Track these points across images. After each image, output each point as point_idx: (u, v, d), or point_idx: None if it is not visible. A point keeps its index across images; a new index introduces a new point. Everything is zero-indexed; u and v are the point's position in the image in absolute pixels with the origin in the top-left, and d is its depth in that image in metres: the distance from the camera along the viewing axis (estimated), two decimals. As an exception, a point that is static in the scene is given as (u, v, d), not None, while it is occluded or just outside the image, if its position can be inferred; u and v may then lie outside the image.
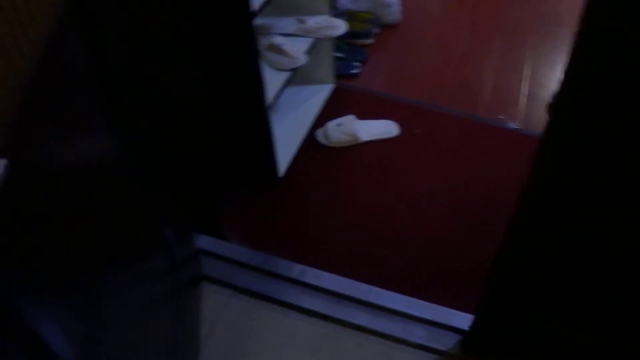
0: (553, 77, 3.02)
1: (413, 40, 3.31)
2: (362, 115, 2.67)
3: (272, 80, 2.21)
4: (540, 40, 3.27)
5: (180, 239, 1.82)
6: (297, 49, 2.34)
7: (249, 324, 2.01)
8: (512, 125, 2.73)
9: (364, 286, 2.03)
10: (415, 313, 1.96)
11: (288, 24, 2.44)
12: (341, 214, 2.32)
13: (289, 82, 2.31)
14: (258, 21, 2.12)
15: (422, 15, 3.52)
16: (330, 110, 2.74)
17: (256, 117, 2.14)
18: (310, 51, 2.40)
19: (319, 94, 2.81)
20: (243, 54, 1.92)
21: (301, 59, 2.32)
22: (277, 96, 2.24)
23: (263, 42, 2.30)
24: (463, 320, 1.90)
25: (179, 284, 1.72)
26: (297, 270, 2.09)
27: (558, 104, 1.14)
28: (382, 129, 2.66)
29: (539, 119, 2.75)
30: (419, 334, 1.93)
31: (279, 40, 2.32)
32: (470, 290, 2.00)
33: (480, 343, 1.86)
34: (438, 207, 2.34)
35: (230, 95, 2.10)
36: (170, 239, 1.63)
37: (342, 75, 2.95)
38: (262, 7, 1.92)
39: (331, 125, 2.61)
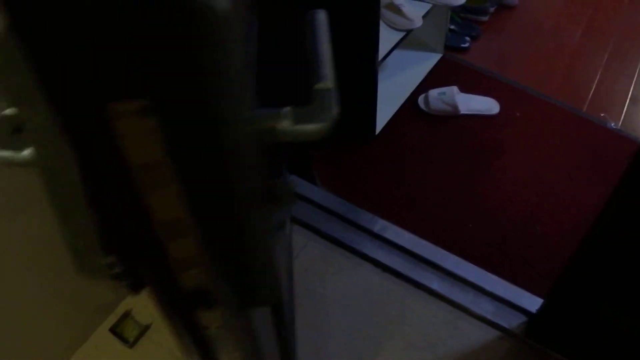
0: (663, 85, 2.96)
1: (528, 24, 3.29)
2: (465, 89, 2.69)
3: (385, 39, 2.26)
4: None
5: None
6: (415, 12, 2.37)
7: (324, 268, 2.09)
8: (613, 125, 2.71)
9: (442, 252, 2.08)
10: (487, 287, 2.00)
11: (411, -14, 2.47)
12: (431, 180, 2.37)
13: (400, 43, 2.35)
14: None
15: (541, 1, 3.49)
16: (435, 79, 2.77)
17: (365, 72, 2.19)
18: (427, 16, 2.43)
19: (427, 60, 2.84)
20: (365, 6, 1.97)
21: (417, 22, 2.35)
22: (387, 55, 2.28)
23: (383, 0, 2.34)
24: (532, 302, 1.93)
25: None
26: (380, 225, 2.15)
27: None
28: (483, 105, 2.67)
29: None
30: (486, 308, 1.97)
31: (399, 0, 2.36)
32: (545, 276, 2.03)
33: (545, 328, 1.89)
34: (526, 192, 2.36)
35: (344, 46, 2.15)
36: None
37: (451, 47, 2.97)
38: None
39: (433, 92, 2.64)
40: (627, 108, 2.81)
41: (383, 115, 2.53)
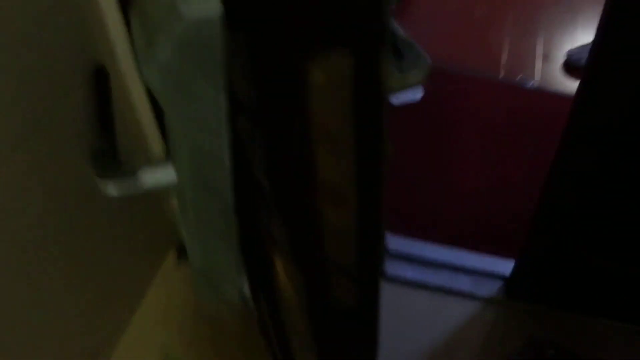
0: (566, 39, 3.10)
1: (434, 6, 3.38)
2: (387, 83, 2.75)
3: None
4: (553, 3, 3.36)
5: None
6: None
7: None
8: (532, 84, 2.82)
9: (408, 241, 2.12)
10: (459, 263, 2.05)
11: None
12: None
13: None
14: None
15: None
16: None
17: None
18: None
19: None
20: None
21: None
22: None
23: None
24: (506, 266, 1.99)
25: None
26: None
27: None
28: (407, 95, 2.74)
29: (556, 77, 2.85)
30: (463, 283, 2.03)
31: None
32: (512, 238, 2.10)
33: (523, 286, 1.95)
34: (474, 165, 2.43)
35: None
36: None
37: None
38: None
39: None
40: (541, 66, 2.93)
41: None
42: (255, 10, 0.38)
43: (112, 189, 0.54)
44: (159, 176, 0.54)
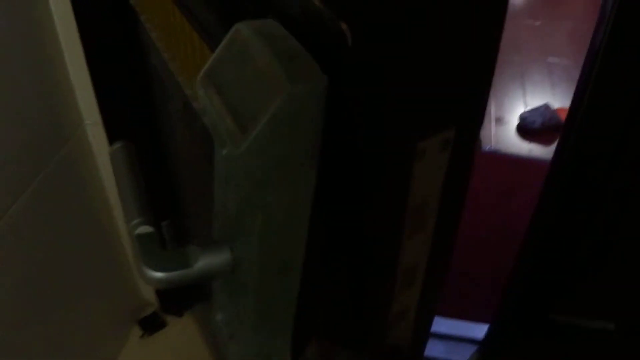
0: (517, 103, 3.18)
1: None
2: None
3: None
4: (498, 70, 3.45)
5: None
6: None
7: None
8: (488, 147, 2.86)
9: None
10: (432, 329, 2.02)
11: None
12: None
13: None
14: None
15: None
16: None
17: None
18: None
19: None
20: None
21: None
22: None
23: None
24: (480, 331, 1.97)
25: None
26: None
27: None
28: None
29: (510, 139, 2.91)
30: (438, 349, 2.00)
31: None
32: (485, 304, 2.09)
33: (498, 351, 1.94)
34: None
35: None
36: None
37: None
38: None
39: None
40: (495, 130, 2.98)
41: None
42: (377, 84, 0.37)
43: (160, 279, 0.48)
44: (213, 261, 0.49)
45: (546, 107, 2.99)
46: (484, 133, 2.95)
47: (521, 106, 3.13)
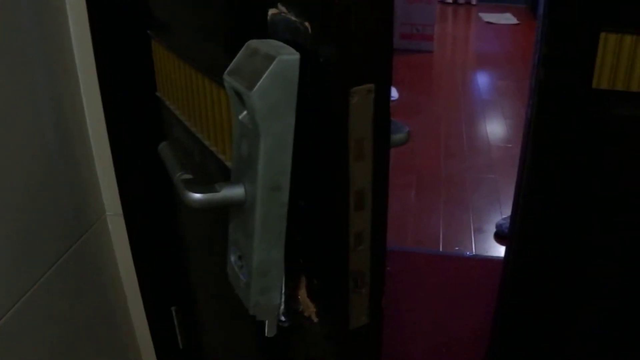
0: (493, 212, 3.49)
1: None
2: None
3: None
4: (476, 187, 3.80)
5: None
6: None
7: None
8: (469, 253, 3.15)
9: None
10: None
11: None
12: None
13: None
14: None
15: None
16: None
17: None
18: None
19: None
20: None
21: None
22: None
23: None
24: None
25: None
26: None
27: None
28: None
29: (489, 245, 3.22)
30: None
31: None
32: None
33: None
34: (422, 325, 2.66)
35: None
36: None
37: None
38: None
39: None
40: (474, 238, 3.28)
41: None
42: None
43: (197, 199, 0.77)
44: (232, 191, 0.78)
45: (519, 214, 3.30)
46: (465, 241, 3.24)
47: (498, 215, 3.44)
